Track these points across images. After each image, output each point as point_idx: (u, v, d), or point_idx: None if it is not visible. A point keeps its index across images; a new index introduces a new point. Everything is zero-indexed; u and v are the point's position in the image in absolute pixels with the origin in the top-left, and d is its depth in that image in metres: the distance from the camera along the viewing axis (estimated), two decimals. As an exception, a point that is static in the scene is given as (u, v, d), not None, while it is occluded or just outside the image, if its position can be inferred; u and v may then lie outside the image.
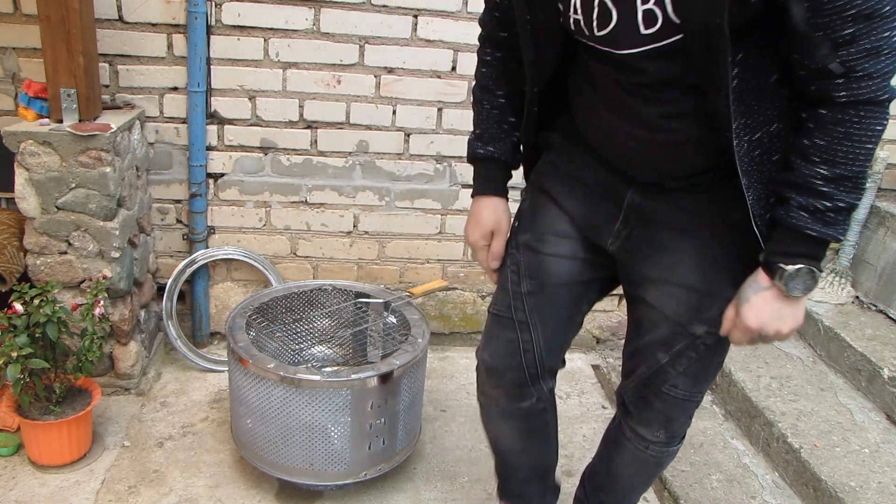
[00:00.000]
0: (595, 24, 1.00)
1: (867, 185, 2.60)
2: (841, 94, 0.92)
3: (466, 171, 2.52)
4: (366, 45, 2.35)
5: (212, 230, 2.50)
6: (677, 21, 0.92)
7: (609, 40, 0.99)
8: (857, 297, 2.62)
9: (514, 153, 1.32)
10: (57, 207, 1.97)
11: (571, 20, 1.03)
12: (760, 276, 1.06)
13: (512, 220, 1.34)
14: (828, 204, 0.97)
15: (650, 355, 1.27)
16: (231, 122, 2.38)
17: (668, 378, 1.27)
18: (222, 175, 2.44)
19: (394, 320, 2.12)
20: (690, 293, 1.18)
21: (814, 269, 1.01)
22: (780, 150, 1.04)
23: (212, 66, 2.29)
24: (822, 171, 0.96)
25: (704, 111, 1.01)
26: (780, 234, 1.03)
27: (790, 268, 1.01)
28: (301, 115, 2.40)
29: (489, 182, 1.32)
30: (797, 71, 0.95)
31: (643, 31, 0.95)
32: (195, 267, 2.47)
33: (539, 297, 1.30)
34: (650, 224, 1.18)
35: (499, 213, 1.31)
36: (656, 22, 0.93)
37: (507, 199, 1.33)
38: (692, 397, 1.30)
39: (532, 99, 1.21)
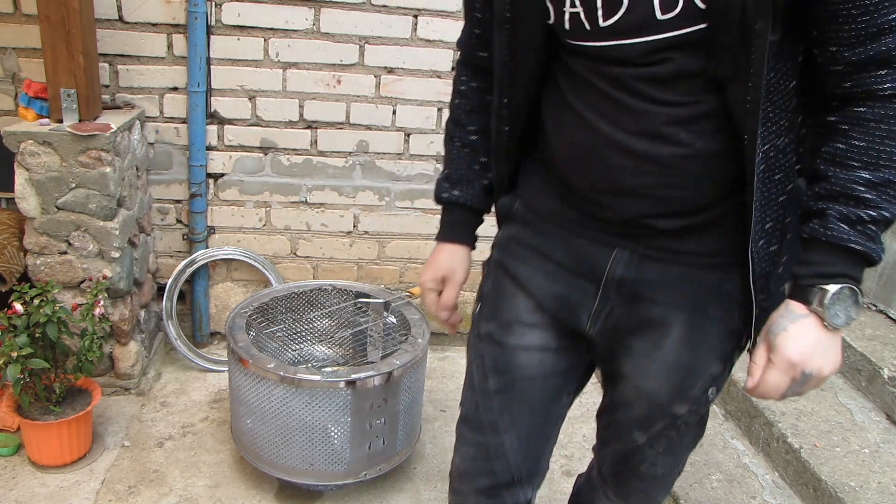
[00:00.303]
0: (600, 12, 0.86)
1: None
2: (885, 86, 0.81)
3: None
4: (366, 45, 2.35)
5: (212, 230, 2.50)
6: (702, 6, 0.80)
7: (614, 32, 0.85)
8: (857, 297, 2.62)
9: (484, 197, 1.16)
10: (57, 207, 1.97)
11: (567, 16, 0.89)
12: (793, 305, 0.89)
13: (469, 272, 1.18)
14: (872, 213, 0.84)
15: (626, 434, 1.12)
16: (231, 122, 2.38)
17: (646, 458, 1.12)
18: (222, 175, 2.44)
19: (394, 320, 2.12)
20: (674, 371, 1.03)
21: (858, 290, 0.86)
22: (783, 168, 0.91)
23: (212, 66, 2.29)
24: (864, 175, 0.84)
25: (722, 114, 0.86)
26: (816, 252, 0.88)
27: (832, 287, 0.85)
28: (301, 115, 2.40)
29: (452, 228, 1.17)
30: (828, 68, 0.85)
31: (660, 16, 0.82)
32: (195, 267, 2.47)
33: (509, 396, 1.10)
34: (633, 300, 1.00)
35: (456, 261, 1.16)
36: (676, 5, 0.81)
37: (472, 247, 1.18)
38: (673, 471, 1.18)
39: (500, 116, 1.03)
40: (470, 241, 1.18)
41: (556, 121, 0.99)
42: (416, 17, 2.34)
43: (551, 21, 0.91)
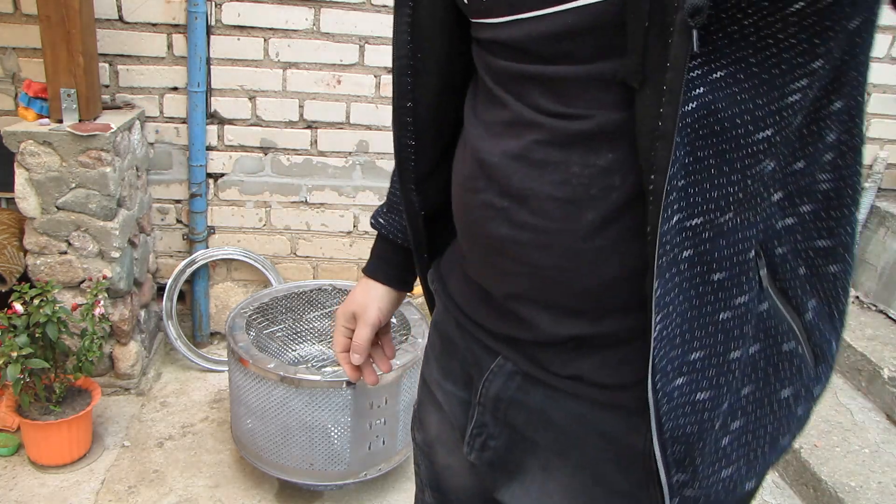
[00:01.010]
0: None
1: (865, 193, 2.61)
2: None
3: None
4: (366, 45, 2.35)
5: (212, 230, 2.50)
6: None
7: (508, 1, 0.58)
8: (858, 297, 2.62)
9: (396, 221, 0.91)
10: (57, 207, 1.97)
11: None
12: None
13: (388, 313, 0.93)
14: None
15: None
16: (231, 122, 2.38)
17: None
18: (222, 175, 2.44)
19: (394, 320, 2.13)
20: None
21: None
22: (728, 264, 0.55)
23: (212, 66, 2.29)
24: None
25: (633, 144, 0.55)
26: None
27: None
28: (301, 115, 2.40)
29: (372, 261, 0.93)
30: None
31: None
32: (195, 267, 2.47)
33: None
34: (512, 435, 0.73)
35: (369, 299, 0.90)
36: None
37: (395, 287, 0.92)
38: None
39: (402, 124, 0.76)
40: (388, 279, 0.91)
41: (455, 152, 0.74)
42: (416, 17, 2.33)
43: None
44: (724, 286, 0.55)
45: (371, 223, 0.93)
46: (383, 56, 2.36)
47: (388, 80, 2.39)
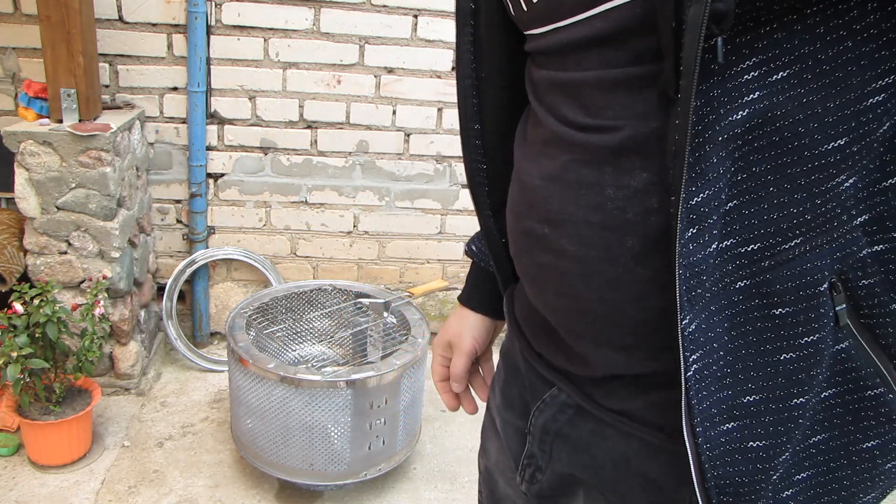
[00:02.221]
0: None
1: None
2: None
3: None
4: (366, 45, 2.35)
5: (212, 230, 2.50)
6: None
7: (547, 8, 0.55)
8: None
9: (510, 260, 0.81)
10: (57, 207, 1.96)
11: None
12: None
13: (483, 341, 0.87)
14: None
15: None
16: (231, 122, 2.38)
17: None
18: (222, 175, 2.44)
19: (394, 320, 2.12)
20: None
21: None
22: (790, 298, 0.49)
23: (212, 66, 2.29)
24: None
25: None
26: None
27: None
28: (301, 115, 2.40)
29: (466, 288, 0.89)
30: None
31: None
32: (195, 267, 2.47)
33: None
34: (557, 470, 0.70)
35: (464, 327, 0.87)
36: None
37: (489, 315, 0.87)
38: None
39: (472, 147, 0.72)
40: (481, 308, 0.86)
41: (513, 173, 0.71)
42: (416, 17, 2.34)
43: (506, 8, 0.65)
44: (788, 323, 0.48)
45: (465, 250, 0.89)
46: (383, 56, 2.36)
47: (388, 79, 2.39)
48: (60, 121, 1.96)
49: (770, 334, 0.48)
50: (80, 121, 1.97)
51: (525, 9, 0.58)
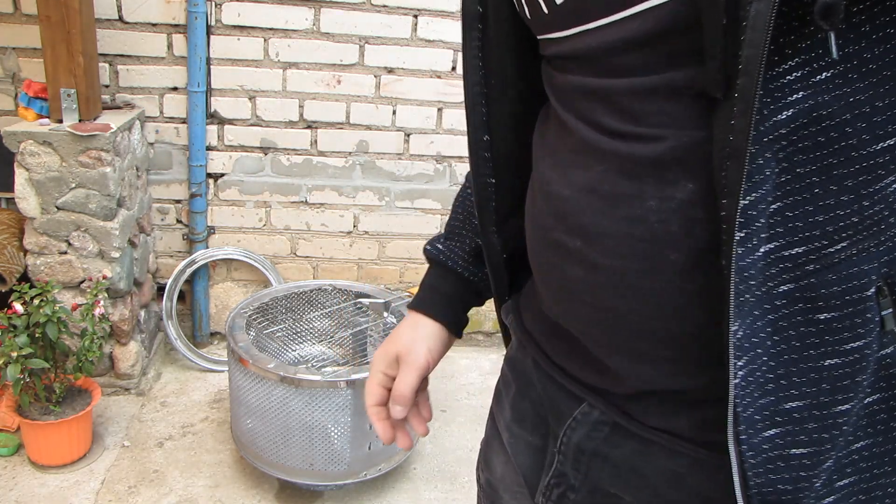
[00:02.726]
0: None
1: None
2: None
3: (467, 171, 2.52)
4: (366, 45, 2.35)
5: (212, 230, 2.50)
6: None
7: (574, 11, 0.52)
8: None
9: (477, 266, 0.79)
10: (57, 207, 1.97)
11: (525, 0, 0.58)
12: None
13: (437, 358, 0.78)
14: None
15: None
16: (231, 122, 2.38)
17: None
18: (222, 175, 2.44)
19: (394, 320, 2.13)
20: None
21: None
22: (835, 303, 0.47)
23: (212, 66, 2.29)
24: None
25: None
26: None
27: None
28: (301, 115, 2.40)
29: (422, 293, 0.81)
30: None
31: None
32: (195, 267, 2.47)
33: None
34: (595, 491, 0.65)
35: (417, 338, 0.76)
36: None
37: (451, 330, 0.78)
38: None
39: (480, 159, 0.69)
40: (441, 315, 0.77)
41: (531, 183, 0.67)
42: (416, 17, 2.34)
43: (519, 12, 0.61)
44: (833, 328, 0.46)
45: (426, 250, 0.81)
46: (383, 56, 2.36)
47: (388, 79, 2.39)
48: (60, 121, 1.96)
49: (814, 339, 0.47)
50: (80, 121, 1.97)
51: (546, 11, 0.54)
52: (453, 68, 2.40)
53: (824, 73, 0.42)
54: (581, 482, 0.65)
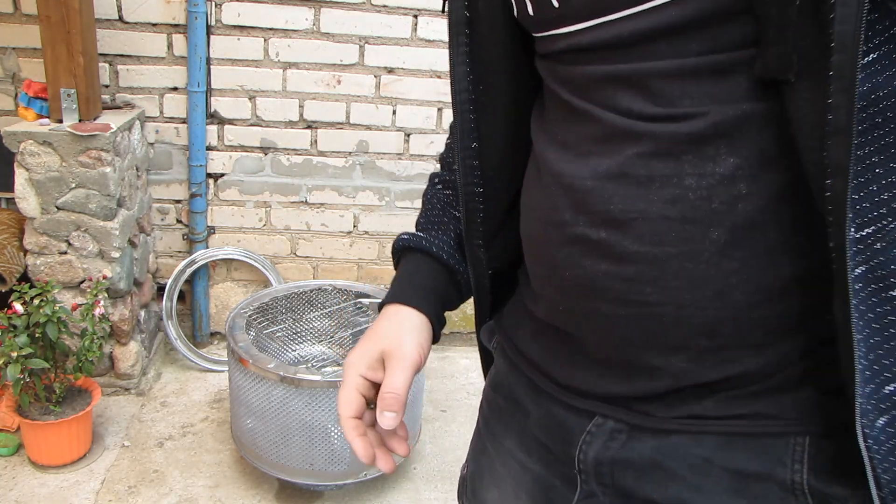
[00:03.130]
0: None
1: None
2: None
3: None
4: (366, 45, 2.35)
5: (212, 230, 2.50)
6: None
7: (594, 3, 0.50)
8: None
9: (461, 253, 0.72)
10: (57, 207, 1.97)
11: None
12: None
13: (427, 353, 0.67)
14: None
15: None
16: (231, 122, 2.38)
17: None
18: (222, 175, 2.44)
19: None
20: None
21: None
22: None
23: (212, 66, 2.29)
24: None
25: (775, 142, 0.47)
26: None
27: None
28: (301, 115, 2.40)
29: (403, 285, 0.71)
30: None
31: None
32: (195, 267, 2.47)
33: None
34: (626, 500, 0.60)
35: (404, 332, 0.66)
36: None
37: (433, 321, 0.69)
38: None
39: (468, 168, 0.65)
40: (429, 310, 0.68)
41: (525, 185, 0.65)
42: (416, 17, 2.34)
43: (515, 13, 0.59)
44: None
45: (401, 240, 0.73)
46: (383, 56, 2.36)
47: (388, 79, 2.39)
48: (60, 121, 1.96)
49: (892, 317, 0.46)
50: (80, 121, 1.97)
51: (556, 5, 0.52)
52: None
53: (871, 56, 0.42)
54: (611, 496, 0.61)
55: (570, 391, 0.61)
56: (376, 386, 0.63)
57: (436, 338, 0.69)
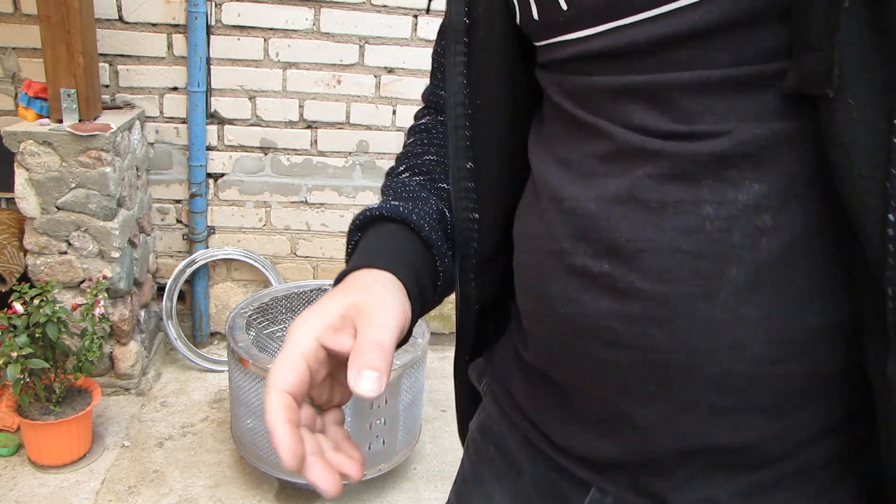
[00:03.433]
0: None
1: None
2: None
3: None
4: (366, 45, 2.35)
5: (212, 230, 2.50)
6: None
7: (607, 5, 0.44)
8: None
9: (440, 230, 0.58)
10: (57, 207, 1.97)
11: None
12: None
13: (406, 315, 0.49)
14: None
15: None
16: (231, 122, 2.38)
17: None
18: (222, 175, 2.44)
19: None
20: None
21: None
22: None
23: (212, 66, 2.29)
24: None
25: (810, 167, 0.40)
26: None
27: None
28: (301, 115, 2.40)
29: (372, 249, 0.55)
30: None
31: None
32: (195, 267, 2.47)
33: None
34: None
35: (381, 286, 0.50)
36: None
37: (411, 295, 0.52)
38: None
39: (462, 189, 0.57)
40: (401, 271, 0.52)
41: (519, 210, 0.57)
42: (416, 17, 2.34)
43: (518, 18, 0.52)
44: None
45: (367, 213, 0.57)
46: (383, 56, 2.36)
47: (388, 79, 2.39)
48: (60, 121, 1.96)
49: None
50: (80, 121, 1.97)
51: (565, 7, 0.46)
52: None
53: None
54: None
55: (567, 454, 0.54)
56: (333, 361, 0.46)
57: (408, 335, 0.53)
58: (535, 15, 0.50)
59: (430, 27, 2.35)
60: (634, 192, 0.44)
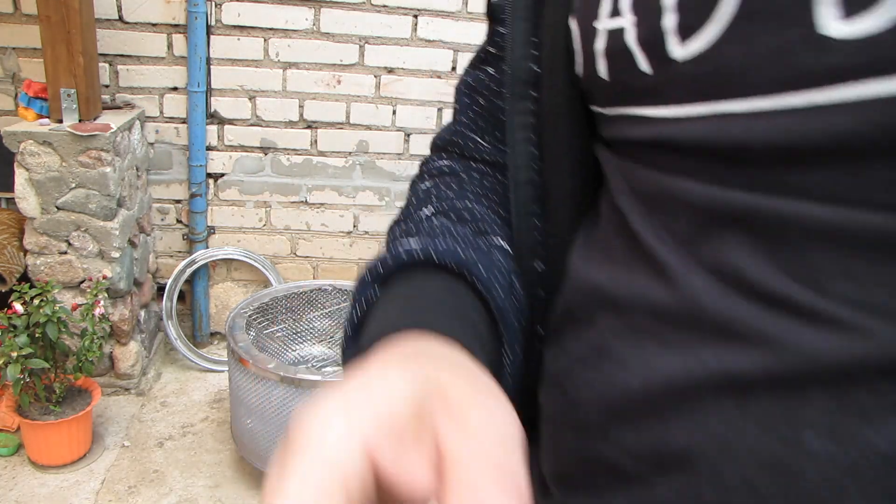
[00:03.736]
0: (672, 21, 0.29)
1: None
2: None
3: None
4: (366, 45, 2.35)
5: (212, 230, 2.50)
6: None
7: (715, 75, 0.28)
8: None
9: (514, 304, 0.40)
10: (57, 207, 1.96)
11: (602, 44, 0.34)
12: None
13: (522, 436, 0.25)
14: None
15: None
16: (231, 122, 2.38)
17: None
18: (222, 175, 2.44)
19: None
20: None
21: None
22: None
23: (212, 66, 2.29)
24: None
25: None
26: None
27: None
28: (301, 115, 2.40)
29: (426, 306, 0.35)
30: None
31: (835, 28, 0.24)
32: (195, 267, 2.47)
33: None
34: None
35: (472, 373, 0.27)
36: None
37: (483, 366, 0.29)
38: None
39: (529, 294, 0.42)
40: (478, 346, 0.34)
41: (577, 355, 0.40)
42: (416, 17, 2.34)
43: (580, 70, 0.38)
44: None
45: (408, 252, 0.38)
46: (383, 56, 2.36)
47: (388, 79, 2.39)
48: (60, 121, 1.96)
49: None
50: (80, 121, 1.97)
51: (650, 70, 0.31)
52: (453, 68, 2.40)
53: None
54: None
55: None
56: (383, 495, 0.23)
57: None
58: (603, 72, 0.35)
59: (430, 27, 2.35)
60: (701, 382, 0.28)
